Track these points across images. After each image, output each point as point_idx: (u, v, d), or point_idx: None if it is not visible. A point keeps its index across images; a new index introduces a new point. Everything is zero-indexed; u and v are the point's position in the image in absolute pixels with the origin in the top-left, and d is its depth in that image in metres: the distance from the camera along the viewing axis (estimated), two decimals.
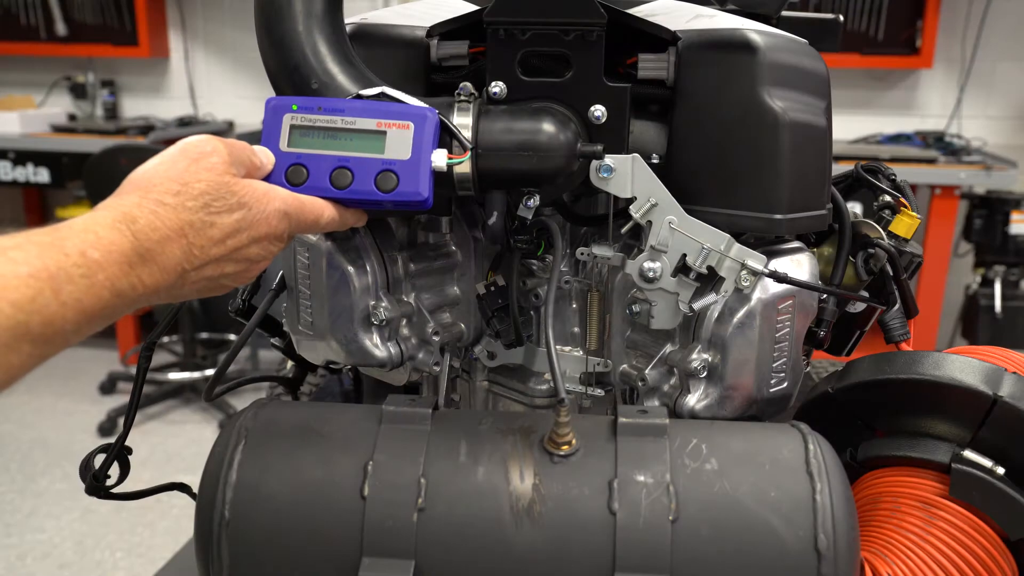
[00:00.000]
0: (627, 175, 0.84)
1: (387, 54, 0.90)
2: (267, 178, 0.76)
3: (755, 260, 0.83)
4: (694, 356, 0.86)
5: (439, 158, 0.77)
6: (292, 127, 0.77)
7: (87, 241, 0.59)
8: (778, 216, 0.83)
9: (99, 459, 0.92)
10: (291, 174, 0.76)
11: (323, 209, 0.76)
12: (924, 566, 0.79)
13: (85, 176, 3.83)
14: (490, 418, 0.80)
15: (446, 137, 0.79)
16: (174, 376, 3.98)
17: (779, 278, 0.83)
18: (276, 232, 0.73)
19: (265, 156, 0.77)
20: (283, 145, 0.77)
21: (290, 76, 0.80)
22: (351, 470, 0.74)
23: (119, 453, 0.91)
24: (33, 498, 3.15)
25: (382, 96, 0.79)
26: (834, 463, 0.74)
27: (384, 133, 0.77)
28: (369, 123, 0.77)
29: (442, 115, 0.79)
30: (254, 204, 0.70)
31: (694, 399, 0.86)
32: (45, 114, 4.43)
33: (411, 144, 0.76)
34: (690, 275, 0.85)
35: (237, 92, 4.78)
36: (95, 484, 0.90)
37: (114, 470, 0.92)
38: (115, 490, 0.92)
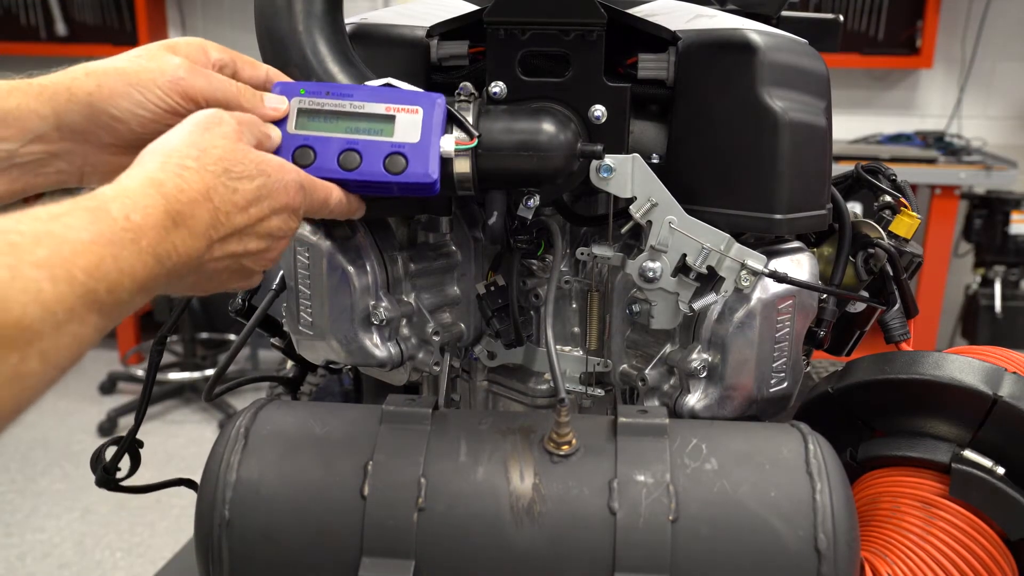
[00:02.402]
0: (627, 175, 0.84)
1: (387, 54, 0.90)
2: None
3: (755, 260, 0.83)
4: (694, 356, 0.86)
5: (447, 143, 0.77)
6: (300, 110, 0.77)
7: (126, 205, 0.57)
8: (778, 216, 0.83)
9: (108, 452, 0.92)
10: (298, 156, 0.76)
11: (332, 189, 0.76)
12: (924, 566, 0.79)
13: None
14: (490, 418, 0.80)
15: (451, 127, 0.79)
16: (174, 376, 3.98)
17: (779, 278, 0.83)
18: (294, 204, 0.72)
19: (274, 132, 0.76)
20: (290, 128, 0.77)
21: (290, 76, 0.80)
22: (351, 470, 0.74)
23: (130, 446, 0.91)
24: (33, 498, 3.15)
25: (388, 87, 0.79)
26: (834, 463, 0.74)
27: (393, 117, 0.77)
28: (378, 107, 0.77)
29: (448, 104, 0.79)
30: (272, 172, 0.70)
31: (694, 399, 0.86)
32: None
33: (420, 128, 0.76)
34: (690, 275, 0.85)
35: None
36: (106, 476, 0.91)
37: (123, 463, 0.93)
38: (124, 483, 0.92)
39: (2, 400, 0.47)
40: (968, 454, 0.82)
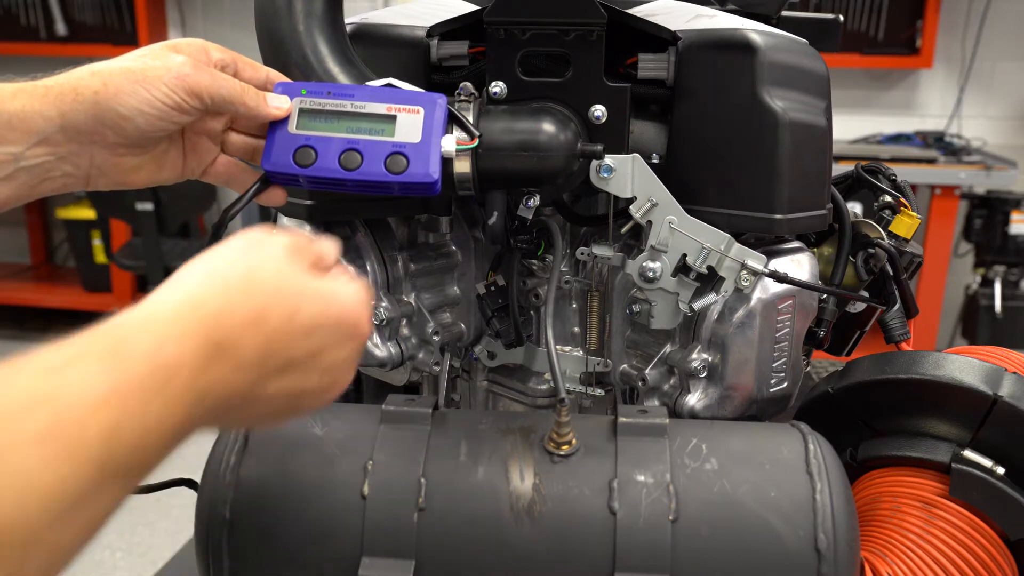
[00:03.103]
0: (627, 175, 0.84)
1: (387, 54, 0.90)
2: (272, 157, 0.76)
3: (755, 260, 0.83)
4: (694, 356, 0.86)
5: (449, 143, 0.77)
6: (301, 110, 0.77)
7: (154, 336, 0.48)
8: (778, 216, 0.83)
9: None
10: (299, 156, 0.76)
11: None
12: (924, 566, 0.79)
13: None
14: (490, 418, 0.80)
15: (451, 127, 0.79)
16: None
17: (779, 278, 0.83)
18: (362, 332, 0.62)
19: (329, 251, 0.65)
20: (292, 128, 0.77)
21: (290, 76, 0.80)
22: (351, 470, 0.74)
23: None
24: None
25: (389, 87, 0.79)
26: (834, 463, 0.74)
27: (394, 117, 0.76)
28: (379, 107, 0.77)
29: (449, 104, 0.79)
30: (334, 298, 0.59)
31: (694, 399, 0.86)
32: None
33: (421, 128, 0.76)
34: (690, 275, 0.85)
35: None
36: None
37: None
38: None
39: None
40: (968, 454, 0.82)
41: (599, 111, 0.85)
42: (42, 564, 0.40)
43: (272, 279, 0.56)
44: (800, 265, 0.88)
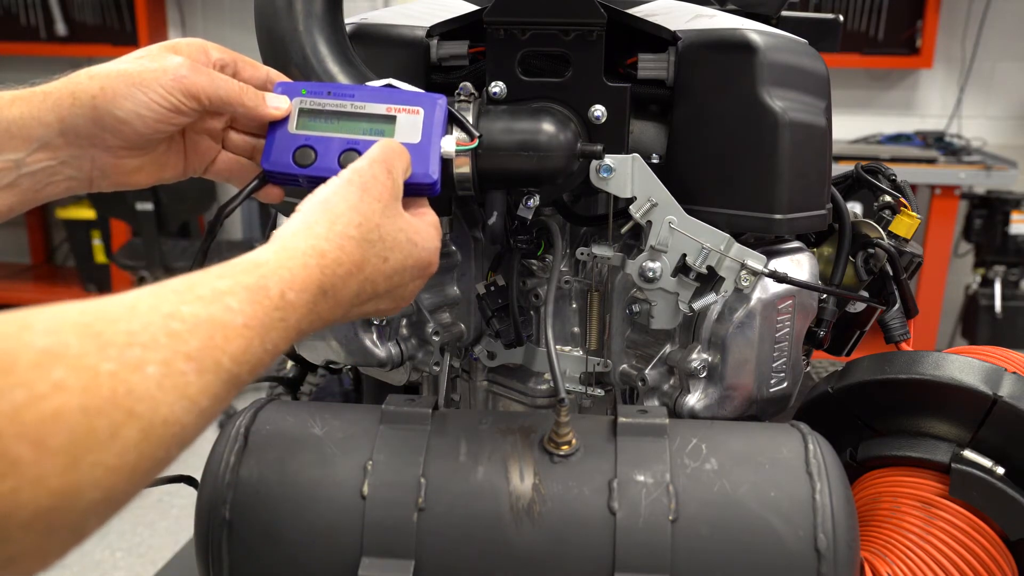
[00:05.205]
0: (627, 175, 0.84)
1: (387, 54, 0.90)
2: (271, 157, 0.76)
3: (755, 260, 0.83)
4: (694, 356, 0.86)
5: (448, 144, 0.77)
6: (301, 110, 0.77)
7: (284, 280, 0.57)
8: (778, 216, 0.83)
9: None
10: (299, 155, 0.76)
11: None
12: (924, 566, 0.79)
13: None
14: (490, 418, 0.80)
15: (451, 127, 0.79)
16: None
17: (779, 278, 0.83)
18: (433, 269, 0.73)
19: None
20: (292, 127, 0.76)
21: (290, 76, 0.80)
22: (351, 470, 0.74)
23: None
24: None
25: (389, 87, 0.79)
26: (834, 463, 0.74)
27: (394, 118, 0.76)
28: (379, 108, 0.77)
29: (449, 104, 0.79)
30: (420, 241, 0.71)
31: (694, 399, 0.86)
32: None
33: (421, 128, 0.76)
34: (690, 275, 0.85)
35: None
36: None
37: None
38: None
39: (140, 481, 0.48)
40: (968, 454, 0.82)
41: (599, 111, 0.85)
42: (175, 454, 0.49)
43: (375, 231, 0.66)
44: (800, 265, 0.88)
